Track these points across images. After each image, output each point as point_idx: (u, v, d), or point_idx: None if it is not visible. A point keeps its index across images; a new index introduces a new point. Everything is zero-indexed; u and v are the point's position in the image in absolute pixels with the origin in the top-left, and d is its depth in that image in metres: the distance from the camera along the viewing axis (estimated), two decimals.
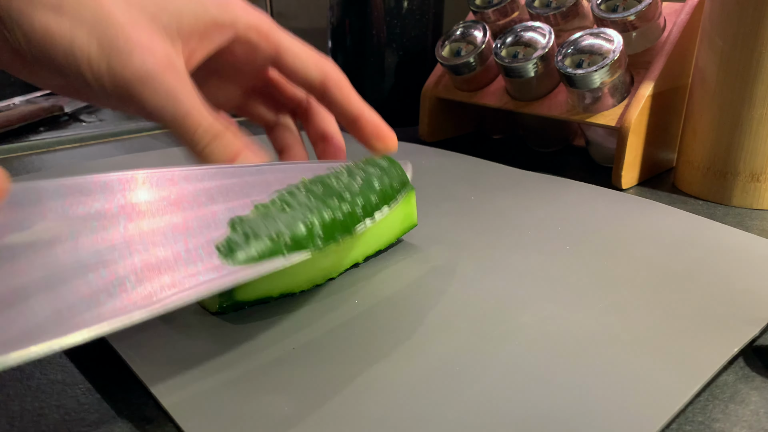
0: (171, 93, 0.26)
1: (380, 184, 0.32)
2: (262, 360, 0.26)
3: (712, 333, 0.28)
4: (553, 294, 0.31)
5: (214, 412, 0.22)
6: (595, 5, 0.51)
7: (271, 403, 0.23)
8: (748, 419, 0.24)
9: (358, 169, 0.32)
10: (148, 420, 0.23)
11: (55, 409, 0.23)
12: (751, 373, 0.27)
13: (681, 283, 0.33)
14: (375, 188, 0.32)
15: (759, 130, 0.44)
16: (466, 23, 0.59)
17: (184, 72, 0.28)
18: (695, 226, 0.41)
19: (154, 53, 0.26)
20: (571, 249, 0.37)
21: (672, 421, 0.23)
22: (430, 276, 0.33)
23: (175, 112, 0.26)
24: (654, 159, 0.53)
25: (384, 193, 0.32)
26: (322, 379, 0.24)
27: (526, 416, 0.22)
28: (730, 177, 0.46)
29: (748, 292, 0.32)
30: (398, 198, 0.34)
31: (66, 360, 0.26)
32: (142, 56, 0.25)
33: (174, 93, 0.26)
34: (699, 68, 0.48)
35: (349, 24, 0.69)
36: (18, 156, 0.57)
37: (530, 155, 0.61)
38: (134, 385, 0.25)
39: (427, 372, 0.25)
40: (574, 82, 0.48)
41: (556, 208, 0.43)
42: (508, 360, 0.26)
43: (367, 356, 0.26)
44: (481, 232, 0.39)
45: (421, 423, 0.22)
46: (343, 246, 0.31)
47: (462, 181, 0.49)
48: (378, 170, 0.32)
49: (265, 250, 0.25)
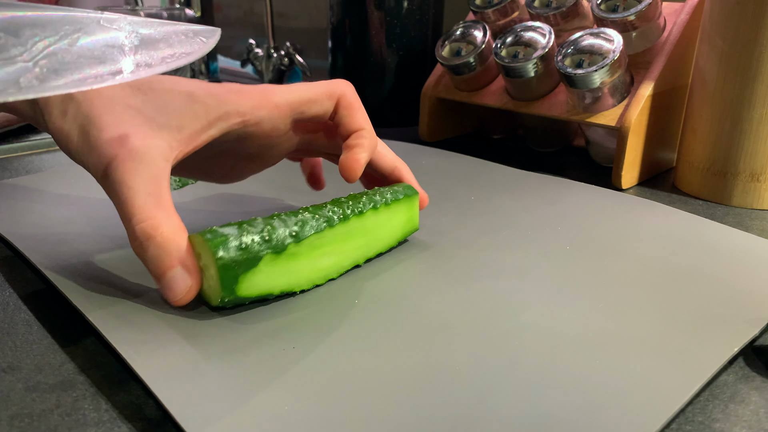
0: (117, 184, 0.28)
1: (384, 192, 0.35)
2: (262, 359, 0.26)
3: (712, 333, 0.28)
4: (553, 294, 0.31)
5: (214, 412, 0.22)
6: (595, 5, 0.51)
7: (270, 402, 0.23)
8: (748, 419, 0.24)
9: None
10: (148, 420, 0.23)
11: (55, 409, 0.23)
12: (751, 373, 0.27)
13: (681, 283, 0.33)
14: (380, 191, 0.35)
15: (759, 130, 0.44)
16: (466, 23, 0.59)
17: (152, 163, 0.28)
18: (695, 226, 0.41)
19: (115, 147, 0.28)
20: (571, 249, 0.37)
21: (672, 421, 0.23)
22: (430, 276, 0.33)
23: (117, 201, 0.28)
24: (654, 159, 0.53)
25: (386, 193, 0.35)
26: (322, 378, 0.24)
27: (526, 416, 0.22)
28: (730, 177, 0.46)
29: (748, 292, 0.32)
30: (400, 193, 0.35)
31: (66, 360, 0.26)
32: (102, 150, 0.28)
33: (120, 184, 0.28)
34: (699, 68, 0.48)
35: (349, 24, 0.69)
36: (18, 156, 0.57)
37: (530, 155, 0.61)
38: (134, 385, 0.25)
39: (427, 371, 0.25)
40: (574, 82, 0.48)
41: (556, 208, 0.43)
42: (507, 360, 0.26)
43: (366, 356, 0.26)
44: (481, 232, 0.39)
45: (420, 422, 0.22)
46: (343, 241, 0.32)
47: (462, 181, 0.49)
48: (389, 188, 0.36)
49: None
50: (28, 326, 0.29)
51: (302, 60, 0.82)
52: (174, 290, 0.27)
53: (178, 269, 0.27)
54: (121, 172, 0.28)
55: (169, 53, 0.25)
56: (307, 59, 0.83)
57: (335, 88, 0.34)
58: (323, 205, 0.32)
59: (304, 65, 0.82)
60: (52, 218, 0.40)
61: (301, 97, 0.33)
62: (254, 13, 1.03)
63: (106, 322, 0.27)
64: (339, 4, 0.69)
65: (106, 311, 0.28)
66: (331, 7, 0.70)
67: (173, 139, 0.30)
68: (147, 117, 0.30)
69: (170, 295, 0.28)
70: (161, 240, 0.27)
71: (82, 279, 0.31)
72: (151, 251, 0.27)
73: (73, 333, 0.28)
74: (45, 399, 0.24)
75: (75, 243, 0.36)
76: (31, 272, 0.34)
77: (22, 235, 0.37)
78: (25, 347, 0.27)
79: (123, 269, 0.33)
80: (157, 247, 0.27)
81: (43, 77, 0.20)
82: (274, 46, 0.84)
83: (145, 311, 0.29)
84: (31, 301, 0.31)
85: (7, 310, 0.30)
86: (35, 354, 0.27)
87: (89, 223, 0.39)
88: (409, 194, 0.36)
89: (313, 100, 0.34)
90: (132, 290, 0.31)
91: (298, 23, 1.04)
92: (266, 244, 0.28)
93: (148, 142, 0.29)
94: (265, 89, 0.33)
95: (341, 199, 0.33)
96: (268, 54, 0.84)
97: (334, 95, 0.34)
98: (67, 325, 0.29)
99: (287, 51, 0.83)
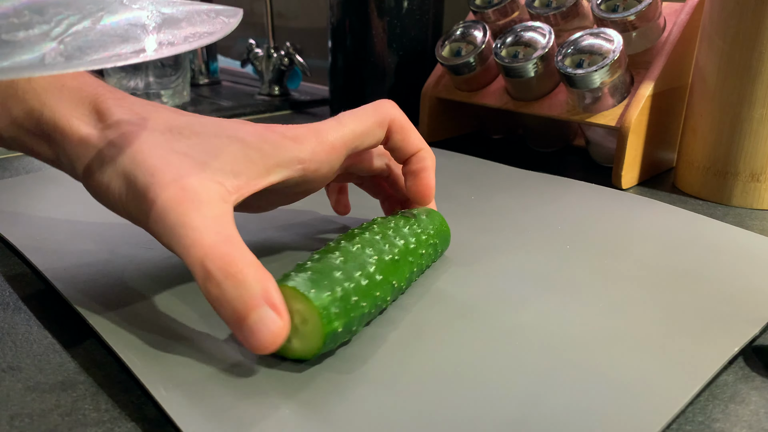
0: (179, 227, 0.25)
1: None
2: (261, 361, 0.25)
3: (712, 333, 0.28)
4: (554, 293, 0.31)
5: (214, 413, 0.22)
6: (595, 5, 0.51)
7: (270, 404, 0.23)
8: (748, 419, 0.24)
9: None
10: (148, 420, 0.23)
11: (55, 409, 0.23)
12: (751, 373, 0.27)
13: (681, 283, 0.33)
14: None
15: (759, 130, 0.44)
16: (466, 23, 0.59)
17: (213, 203, 0.26)
18: (696, 224, 0.41)
19: (170, 189, 0.25)
20: (571, 248, 0.37)
21: (672, 422, 0.23)
22: (430, 275, 0.33)
23: (180, 244, 0.25)
24: (654, 159, 0.53)
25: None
26: (321, 379, 0.24)
27: (525, 416, 0.22)
28: (730, 177, 0.46)
29: (748, 291, 0.32)
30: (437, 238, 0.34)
31: (66, 360, 0.26)
32: (155, 194, 0.25)
33: (182, 226, 0.25)
34: (699, 68, 0.48)
35: (349, 24, 0.69)
36: (18, 156, 0.57)
37: (530, 155, 0.61)
38: (134, 385, 0.25)
39: (427, 371, 0.25)
40: (574, 82, 0.48)
41: (556, 207, 0.43)
42: (507, 359, 0.26)
43: (366, 356, 0.26)
44: (481, 232, 0.39)
45: (420, 422, 0.22)
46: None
47: (462, 181, 0.49)
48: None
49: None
50: (28, 326, 0.29)
51: (302, 60, 0.82)
52: (261, 332, 0.23)
53: (266, 309, 0.23)
54: (180, 213, 0.25)
55: (192, 32, 0.24)
56: (307, 59, 0.83)
57: (384, 115, 0.33)
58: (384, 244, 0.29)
59: (304, 65, 0.82)
60: (52, 218, 0.40)
61: (354, 132, 0.31)
62: (254, 13, 1.03)
63: (106, 325, 0.27)
64: (339, 4, 0.69)
65: (106, 313, 0.28)
66: (331, 7, 0.70)
67: (231, 184, 0.27)
68: (198, 161, 0.27)
69: (255, 340, 0.23)
70: (242, 277, 0.23)
71: (82, 280, 0.31)
72: (231, 291, 0.23)
73: (73, 333, 0.28)
74: (45, 399, 0.24)
75: (75, 243, 0.36)
76: (31, 272, 0.34)
77: (22, 235, 0.37)
78: (25, 347, 0.27)
79: (124, 270, 0.33)
80: (239, 285, 0.23)
81: (68, 54, 0.20)
82: (274, 46, 0.84)
83: (146, 314, 0.29)
84: (31, 301, 0.31)
85: (7, 310, 0.30)
86: (35, 354, 0.27)
87: (89, 223, 0.39)
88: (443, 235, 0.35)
89: (366, 133, 0.32)
90: (133, 292, 0.31)
91: (298, 23, 1.04)
92: (357, 295, 0.26)
93: (206, 184, 0.26)
94: (318, 130, 0.30)
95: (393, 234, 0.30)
96: (268, 54, 0.84)
97: (385, 122, 0.33)
98: (68, 325, 0.29)
99: (287, 51, 0.83)
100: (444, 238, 0.35)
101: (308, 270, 0.25)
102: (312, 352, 0.25)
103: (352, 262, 0.26)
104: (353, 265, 0.26)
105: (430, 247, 0.32)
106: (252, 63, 0.86)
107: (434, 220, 0.34)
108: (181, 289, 0.31)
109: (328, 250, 0.27)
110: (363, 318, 0.26)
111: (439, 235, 0.34)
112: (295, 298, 0.24)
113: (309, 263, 0.26)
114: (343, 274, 0.25)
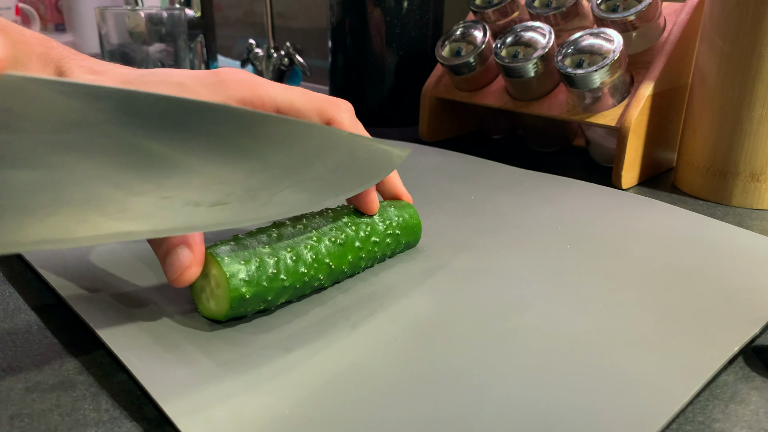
0: None
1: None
2: (260, 362, 0.25)
3: (712, 333, 0.28)
4: (554, 293, 0.31)
5: (213, 414, 0.22)
6: (595, 5, 0.51)
7: (271, 404, 0.23)
8: (748, 419, 0.24)
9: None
10: (148, 420, 0.23)
11: (55, 409, 0.23)
12: (751, 373, 0.27)
13: (681, 282, 0.33)
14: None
15: (759, 130, 0.44)
16: (466, 23, 0.59)
17: None
18: (696, 224, 0.41)
19: None
20: (571, 248, 0.37)
21: (672, 421, 0.23)
22: (431, 275, 0.33)
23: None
24: (654, 159, 0.53)
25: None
26: (321, 380, 0.24)
27: (526, 416, 0.22)
28: (730, 177, 0.46)
29: (748, 291, 0.32)
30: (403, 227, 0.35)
31: (66, 360, 0.26)
32: None
33: None
34: (699, 68, 0.48)
35: (349, 24, 0.69)
36: None
37: (530, 155, 0.61)
38: (134, 386, 0.25)
39: (427, 371, 0.25)
40: (574, 82, 0.48)
41: (556, 207, 0.43)
42: (508, 359, 0.26)
43: (366, 356, 0.26)
44: (481, 232, 0.39)
45: (420, 422, 0.22)
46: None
47: (462, 180, 0.49)
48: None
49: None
50: (28, 326, 0.29)
51: (302, 60, 0.82)
52: (173, 265, 0.26)
53: (182, 247, 0.27)
54: None
55: None
56: (307, 59, 0.83)
57: (328, 109, 0.32)
58: (330, 228, 0.31)
59: (304, 65, 0.82)
60: None
61: (290, 103, 0.31)
62: (254, 13, 1.03)
63: (106, 326, 0.27)
64: (339, 4, 0.69)
65: (107, 314, 0.28)
66: (331, 7, 0.70)
67: None
68: None
69: (169, 272, 0.27)
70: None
71: (82, 281, 0.31)
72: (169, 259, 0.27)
73: (74, 333, 0.28)
74: (45, 399, 0.24)
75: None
76: (31, 273, 0.34)
77: None
78: (25, 347, 0.27)
79: (124, 270, 0.33)
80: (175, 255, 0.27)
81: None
82: (274, 46, 0.84)
83: (146, 314, 0.29)
84: (31, 301, 0.31)
85: (7, 311, 0.30)
86: (35, 354, 0.27)
87: None
88: (412, 221, 0.35)
89: (300, 112, 0.32)
90: (133, 292, 0.31)
91: (298, 23, 1.04)
92: (276, 269, 0.28)
93: None
94: (257, 82, 0.31)
95: (346, 221, 0.32)
96: (268, 54, 0.84)
97: (326, 115, 0.32)
98: (67, 325, 0.29)
99: (287, 51, 0.83)
100: (411, 230, 0.35)
101: (236, 241, 0.28)
102: (222, 314, 0.27)
103: (287, 240, 0.29)
104: (286, 243, 0.29)
105: (389, 237, 0.34)
106: (252, 63, 0.86)
107: (403, 212, 0.35)
108: (181, 288, 0.31)
109: (269, 227, 0.30)
110: (283, 291, 0.28)
111: (404, 227, 0.35)
112: (212, 263, 0.27)
113: (243, 236, 0.29)
114: (269, 249, 0.28)
